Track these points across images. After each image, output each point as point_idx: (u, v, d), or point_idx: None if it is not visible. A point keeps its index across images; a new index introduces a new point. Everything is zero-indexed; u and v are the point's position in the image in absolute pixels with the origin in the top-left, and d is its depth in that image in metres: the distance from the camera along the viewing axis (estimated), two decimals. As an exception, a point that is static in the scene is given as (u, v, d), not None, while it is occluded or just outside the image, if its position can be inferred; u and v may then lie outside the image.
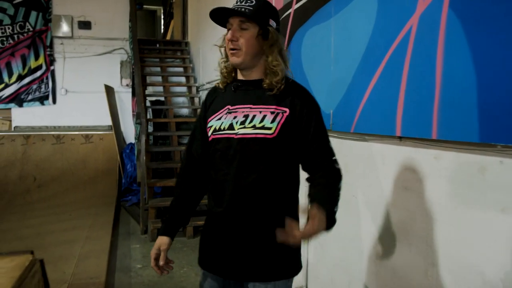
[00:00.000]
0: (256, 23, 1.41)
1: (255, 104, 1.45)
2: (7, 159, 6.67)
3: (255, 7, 1.40)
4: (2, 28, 7.49)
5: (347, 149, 2.37)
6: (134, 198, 6.20)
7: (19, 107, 7.60)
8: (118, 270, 3.73)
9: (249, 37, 1.41)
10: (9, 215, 5.30)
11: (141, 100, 5.47)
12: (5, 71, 7.54)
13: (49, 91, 7.67)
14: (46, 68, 7.67)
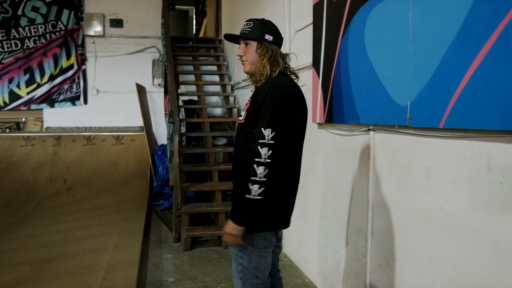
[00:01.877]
0: (254, 40, 1.93)
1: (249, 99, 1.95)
2: (38, 161, 6.49)
3: (252, 28, 1.93)
4: (35, 27, 7.37)
5: (429, 149, 1.90)
6: (165, 202, 5.87)
7: (51, 107, 7.46)
8: (149, 284, 3.37)
9: (251, 51, 1.94)
10: (37, 219, 5.07)
11: (174, 98, 5.13)
12: (37, 71, 7.42)
13: (81, 91, 7.49)
14: (77, 67, 7.49)
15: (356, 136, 2.60)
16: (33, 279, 3.20)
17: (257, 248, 1.89)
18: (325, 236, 3.15)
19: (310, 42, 3.28)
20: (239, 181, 1.85)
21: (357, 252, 2.61)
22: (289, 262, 3.86)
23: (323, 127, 3.14)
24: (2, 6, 7.23)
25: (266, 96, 1.79)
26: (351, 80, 2.55)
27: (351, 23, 2.53)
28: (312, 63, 3.24)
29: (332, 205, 3.03)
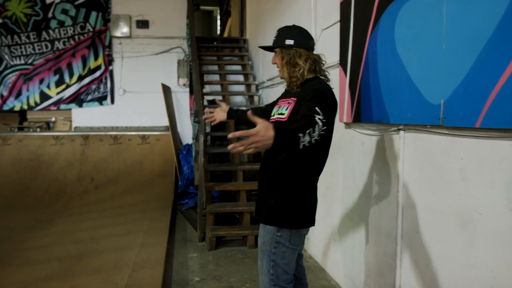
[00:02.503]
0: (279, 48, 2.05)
1: (285, 98, 2.10)
2: (67, 160, 6.64)
3: (276, 38, 2.07)
4: (64, 29, 7.54)
5: (464, 149, 1.83)
6: (190, 201, 5.90)
7: (79, 107, 7.61)
8: (174, 283, 3.38)
9: (279, 59, 2.07)
10: (66, 217, 5.17)
11: (199, 97, 5.15)
12: (66, 71, 7.58)
13: (108, 91, 7.62)
14: (105, 68, 7.62)
15: (385, 136, 2.54)
16: (62, 275, 3.26)
17: (292, 245, 1.99)
18: (352, 237, 3.09)
19: (337, 41, 3.23)
20: (276, 178, 1.99)
21: (386, 255, 2.54)
22: (315, 264, 3.81)
23: (350, 126, 3.08)
24: (34, 9, 7.42)
25: (316, 93, 1.86)
26: (380, 78, 2.49)
27: (380, 20, 2.47)
28: (339, 61, 3.18)
29: (359, 206, 2.97)
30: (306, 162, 1.98)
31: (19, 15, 7.41)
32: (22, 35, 7.45)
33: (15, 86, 7.53)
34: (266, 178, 2.07)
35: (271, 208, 2.01)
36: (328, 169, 3.58)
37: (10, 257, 3.68)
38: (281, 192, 1.99)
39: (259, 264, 2.08)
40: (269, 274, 2.00)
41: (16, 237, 4.27)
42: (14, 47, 7.46)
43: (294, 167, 1.98)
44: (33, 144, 6.74)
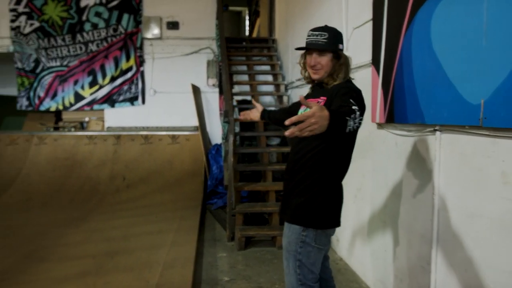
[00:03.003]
0: (330, 51, 2.02)
1: (314, 98, 2.07)
2: (100, 159, 6.80)
3: (328, 39, 2.02)
4: (98, 31, 7.73)
5: (506, 151, 1.76)
6: (219, 201, 5.93)
7: (111, 107, 7.78)
8: (204, 282, 3.40)
9: (327, 61, 2.03)
10: (99, 214, 5.30)
11: (229, 97, 5.18)
12: (99, 73, 7.77)
13: (139, 92, 7.76)
14: (136, 69, 7.77)
15: (421, 136, 2.47)
16: (95, 272, 3.33)
17: (318, 245, 1.99)
18: (384, 240, 3.03)
19: (369, 40, 3.18)
20: (303, 177, 2.00)
21: (420, 259, 2.48)
22: (345, 266, 3.75)
23: (383, 127, 3.02)
24: (69, 12, 7.65)
25: (349, 89, 1.92)
26: (415, 77, 2.43)
27: (416, 17, 2.41)
28: (371, 61, 3.13)
29: (392, 208, 2.90)
30: (335, 160, 2.01)
31: (55, 19, 7.65)
32: (58, 37, 7.69)
33: (51, 87, 7.78)
34: (294, 176, 2.07)
35: (298, 207, 2.01)
36: (359, 170, 3.54)
37: (47, 253, 3.79)
38: (310, 191, 1.99)
39: (285, 264, 2.08)
40: (296, 274, 2.01)
41: (52, 234, 4.40)
42: (50, 50, 7.71)
43: (323, 165, 1.99)
44: (67, 143, 6.95)
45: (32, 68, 7.75)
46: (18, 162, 6.71)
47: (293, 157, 2.10)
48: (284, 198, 2.16)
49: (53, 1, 7.61)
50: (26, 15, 7.61)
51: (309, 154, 2.00)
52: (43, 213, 5.40)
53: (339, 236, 4.03)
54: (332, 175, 2.02)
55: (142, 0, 7.70)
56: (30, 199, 5.98)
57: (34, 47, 7.68)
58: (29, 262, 3.57)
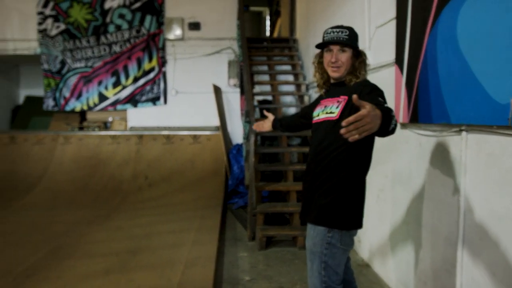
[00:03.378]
0: (351, 47, 2.03)
1: (332, 97, 2.08)
2: (123, 158, 6.92)
3: (349, 36, 2.03)
4: (121, 33, 7.86)
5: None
6: (240, 201, 5.95)
7: (134, 107, 7.90)
8: (225, 281, 3.42)
9: (348, 57, 2.03)
10: (122, 213, 5.38)
11: (250, 97, 5.19)
12: (122, 73, 7.90)
13: (161, 92, 7.86)
14: (158, 70, 7.86)
15: (446, 137, 2.42)
16: (119, 269, 3.39)
17: (343, 246, 1.99)
18: (407, 241, 2.98)
19: (392, 38, 3.13)
20: (327, 177, 2.00)
21: (445, 261, 2.43)
22: (367, 268, 3.71)
23: (406, 127, 2.97)
24: (93, 15, 7.80)
25: (373, 88, 1.95)
26: (440, 76, 2.38)
27: (441, 15, 2.36)
28: (394, 60, 3.09)
29: (416, 209, 2.86)
30: (359, 159, 2.00)
31: (81, 21, 7.81)
32: (83, 39, 7.85)
33: (76, 88, 7.96)
34: (317, 177, 2.05)
35: (324, 207, 1.99)
36: (381, 170, 3.49)
37: (71, 250, 3.88)
38: (335, 191, 1.98)
39: (309, 266, 2.06)
40: (321, 276, 1.99)
41: (77, 231, 4.50)
42: (75, 51, 7.88)
43: (348, 165, 1.97)
44: (92, 143, 7.09)
45: (58, 70, 7.94)
46: (44, 161, 6.88)
47: (315, 157, 2.07)
48: (305, 199, 2.13)
49: (78, 3, 7.78)
50: (52, 18, 7.81)
51: (333, 154, 1.98)
52: (68, 211, 5.52)
53: (361, 237, 3.99)
54: (356, 174, 2.01)
55: (164, 2, 7.79)
56: (55, 197, 6.13)
57: (60, 49, 7.87)
58: (55, 258, 3.66)
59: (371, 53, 3.70)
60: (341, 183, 1.98)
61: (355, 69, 2.04)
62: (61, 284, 3.11)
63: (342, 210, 1.98)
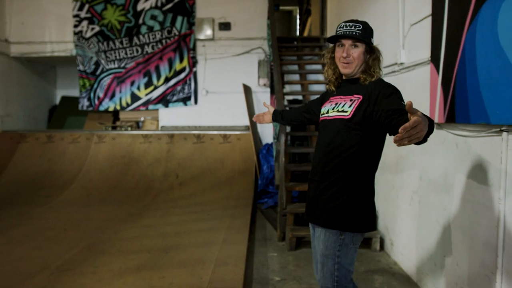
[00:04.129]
0: (364, 42, 1.94)
1: (344, 95, 2.01)
2: (154, 157, 7.04)
3: (362, 31, 1.94)
4: (153, 34, 8.01)
5: None
6: (270, 200, 5.95)
7: (165, 107, 8.04)
8: (255, 281, 3.42)
9: (360, 53, 1.95)
10: (154, 211, 5.48)
11: (281, 97, 5.18)
12: (154, 74, 8.05)
13: (191, 92, 7.95)
14: (189, 70, 7.96)
15: (485, 137, 2.34)
16: (151, 266, 3.45)
17: (355, 245, 1.97)
18: (444, 246, 2.89)
19: (427, 36, 3.05)
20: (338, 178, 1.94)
21: (483, 267, 2.34)
22: (400, 271, 3.63)
23: (442, 127, 2.89)
24: (126, 16, 7.98)
25: (393, 89, 1.87)
26: (479, 75, 2.30)
27: (480, 11, 2.28)
28: (430, 58, 3.00)
29: (452, 212, 2.77)
30: (370, 160, 1.96)
31: (114, 23, 8.01)
32: (116, 41, 8.05)
33: (110, 88, 8.17)
34: (326, 178, 1.98)
35: (335, 210, 1.94)
36: (415, 171, 3.41)
37: (106, 246, 3.97)
38: (346, 193, 1.93)
39: (319, 268, 2.03)
40: (333, 276, 1.98)
41: (111, 228, 4.61)
42: (109, 52, 8.08)
43: (359, 166, 1.93)
44: (124, 142, 7.25)
45: (93, 70, 8.17)
46: (79, 159, 7.09)
47: (325, 157, 1.99)
48: (312, 200, 2.05)
49: (112, 6, 7.98)
50: (87, 20, 8.04)
51: (345, 154, 1.93)
52: (102, 208, 5.66)
53: (394, 239, 3.91)
54: (368, 174, 1.97)
55: (195, 2, 7.88)
56: (90, 194, 6.30)
57: (94, 50, 8.09)
58: (90, 254, 3.76)
59: (405, 52, 3.62)
60: (353, 184, 1.93)
61: (369, 66, 1.96)
62: (96, 279, 3.19)
63: (355, 212, 1.93)
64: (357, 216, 1.93)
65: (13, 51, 8.03)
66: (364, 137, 1.91)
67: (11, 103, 8.06)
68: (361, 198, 1.95)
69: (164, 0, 7.90)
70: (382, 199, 4.23)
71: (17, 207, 5.61)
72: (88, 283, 3.12)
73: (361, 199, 1.95)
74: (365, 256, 3.99)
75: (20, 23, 8.02)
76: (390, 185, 4.03)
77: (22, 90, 8.44)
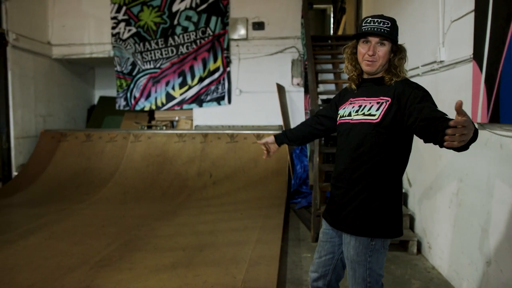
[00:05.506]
0: (391, 41, 1.86)
1: (368, 97, 1.91)
2: (188, 156, 7.13)
3: (391, 28, 1.85)
4: (187, 34, 8.12)
5: None
6: (303, 201, 5.91)
7: (199, 107, 8.14)
8: (289, 281, 3.41)
9: (386, 52, 1.87)
10: (187, 209, 5.55)
11: (315, 96, 5.13)
12: (188, 74, 8.16)
13: (225, 92, 8.01)
14: (223, 70, 8.02)
15: (533, 138, 2.23)
16: (186, 264, 3.49)
17: (385, 249, 1.95)
18: (487, 251, 2.78)
19: (469, 33, 2.94)
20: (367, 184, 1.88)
21: (530, 273, 2.23)
22: (438, 276, 3.52)
23: (485, 127, 2.78)
24: (162, 17, 8.13)
25: (426, 93, 1.80)
26: (527, 73, 2.19)
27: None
28: (472, 55, 2.89)
29: (496, 216, 2.66)
30: (399, 165, 1.92)
31: (150, 24, 8.17)
32: (152, 41, 8.21)
33: (146, 88, 8.34)
34: (354, 184, 1.91)
35: (365, 217, 1.89)
36: (455, 173, 3.29)
37: (142, 243, 4.06)
38: (376, 199, 1.88)
39: (350, 273, 1.97)
40: (365, 282, 1.93)
41: (146, 226, 4.70)
42: (145, 53, 8.26)
43: (388, 172, 1.88)
44: (159, 141, 7.38)
45: (129, 71, 8.37)
46: (116, 158, 7.27)
47: (352, 163, 1.92)
48: (339, 207, 1.98)
49: (148, 7, 8.15)
50: (124, 22, 8.24)
51: (374, 160, 1.87)
52: (137, 206, 5.79)
53: (431, 242, 3.80)
54: (396, 179, 1.92)
55: (229, 2, 7.93)
56: (126, 192, 6.45)
57: (131, 51, 8.28)
58: (127, 250, 3.85)
59: (445, 49, 3.51)
60: (383, 190, 1.88)
61: (395, 66, 1.88)
62: (133, 275, 3.26)
63: (386, 218, 1.89)
64: (388, 221, 1.90)
65: (55, 53, 8.34)
66: (393, 141, 1.86)
67: (53, 103, 8.38)
68: (391, 203, 1.91)
69: (199, 1, 8.00)
70: (419, 200, 4.12)
71: (57, 204, 5.82)
72: (125, 279, 3.20)
73: (391, 204, 1.91)
74: (401, 260, 3.89)
75: (61, 26, 8.31)
76: (427, 186, 3.91)
77: (63, 91, 8.75)
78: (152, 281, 3.15)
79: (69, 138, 7.64)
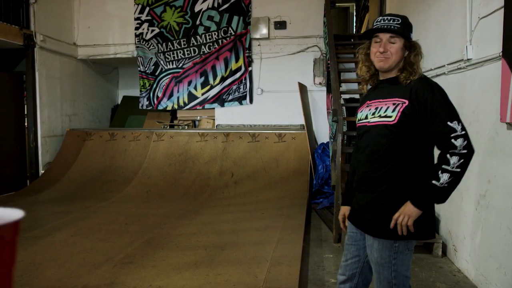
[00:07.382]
0: (402, 37, 1.83)
1: (384, 98, 1.89)
2: (210, 155, 7.17)
3: (401, 25, 1.82)
4: (210, 34, 8.16)
5: None
6: (325, 201, 5.87)
7: (221, 106, 8.17)
8: (310, 282, 3.38)
9: (397, 48, 1.83)
10: (209, 208, 5.58)
11: (338, 96, 5.08)
12: (210, 74, 8.20)
13: (247, 91, 8.02)
14: (244, 69, 8.04)
15: None
16: (208, 263, 3.51)
17: (410, 251, 1.91)
18: (515, 254, 2.70)
19: (498, 30, 2.86)
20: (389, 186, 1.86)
21: (563, 279, 2.16)
22: (464, 279, 3.44)
23: (515, 127, 2.69)
24: (184, 18, 8.20)
25: (435, 94, 1.79)
26: (560, 71, 2.11)
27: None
28: (501, 53, 2.81)
29: (525, 219, 2.58)
30: (421, 166, 1.86)
31: (173, 24, 8.26)
32: (175, 42, 8.29)
33: (168, 88, 8.43)
34: (376, 186, 1.89)
35: (387, 220, 1.83)
36: (483, 174, 3.21)
37: (165, 242, 4.10)
38: (397, 201, 1.83)
39: (376, 276, 1.94)
40: (390, 284, 1.90)
41: (169, 224, 4.75)
42: (168, 53, 8.34)
43: (411, 173, 1.84)
44: (181, 140, 7.45)
45: (152, 71, 8.47)
46: (139, 157, 7.38)
47: (370, 166, 1.90)
48: (361, 209, 1.96)
49: (171, 8, 8.23)
50: (147, 23, 8.35)
51: (393, 162, 1.84)
52: (160, 204, 5.86)
53: (457, 245, 3.71)
54: (417, 180, 1.84)
55: (251, 2, 7.93)
56: (149, 190, 6.54)
57: (154, 51, 8.38)
58: (150, 248, 3.90)
59: (473, 47, 3.42)
60: (403, 191, 1.84)
61: (411, 64, 1.83)
62: (156, 272, 3.30)
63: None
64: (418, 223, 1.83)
65: (80, 53, 8.52)
66: (412, 142, 1.82)
67: (78, 103, 8.56)
68: None
69: (221, 1, 8.03)
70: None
71: (82, 201, 5.94)
72: (148, 276, 3.24)
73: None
74: (426, 262, 3.82)
75: (87, 27, 8.48)
76: (454, 188, 3.82)
77: (88, 91, 8.93)
78: (175, 279, 3.18)
79: (94, 137, 7.79)
